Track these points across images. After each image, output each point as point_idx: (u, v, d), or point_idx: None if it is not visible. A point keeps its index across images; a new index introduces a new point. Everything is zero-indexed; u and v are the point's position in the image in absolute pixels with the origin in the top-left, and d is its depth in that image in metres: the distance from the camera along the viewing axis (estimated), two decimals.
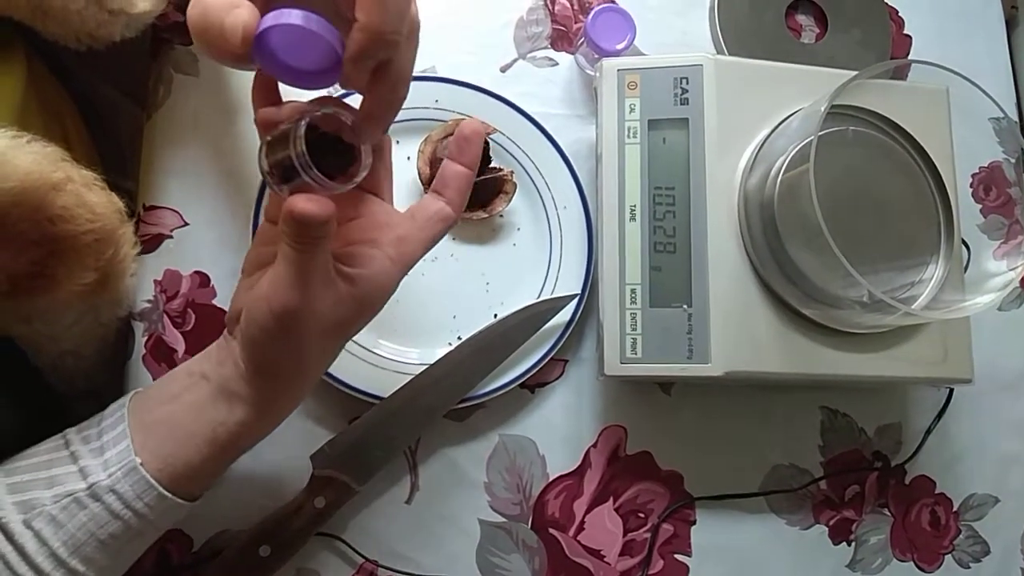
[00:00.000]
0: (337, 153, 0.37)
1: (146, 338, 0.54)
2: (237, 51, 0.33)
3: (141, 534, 0.40)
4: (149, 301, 0.54)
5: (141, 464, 0.39)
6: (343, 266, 0.39)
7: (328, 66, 0.35)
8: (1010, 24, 0.77)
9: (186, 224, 0.56)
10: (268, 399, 0.40)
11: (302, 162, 0.34)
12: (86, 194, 0.42)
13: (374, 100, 0.38)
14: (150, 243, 0.55)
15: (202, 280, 0.55)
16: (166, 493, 0.39)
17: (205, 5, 0.33)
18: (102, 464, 0.39)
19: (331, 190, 0.35)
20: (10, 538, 0.37)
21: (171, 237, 0.55)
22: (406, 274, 0.41)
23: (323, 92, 0.38)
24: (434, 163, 0.56)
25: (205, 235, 0.56)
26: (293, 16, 0.33)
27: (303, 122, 0.34)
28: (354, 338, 0.47)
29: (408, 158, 0.58)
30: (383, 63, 0.36)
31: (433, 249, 0.43)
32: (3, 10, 0.46)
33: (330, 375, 0.52)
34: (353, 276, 0.39)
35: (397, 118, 0.58)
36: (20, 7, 0.46)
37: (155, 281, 0.54)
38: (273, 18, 0.33)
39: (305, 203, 0.34)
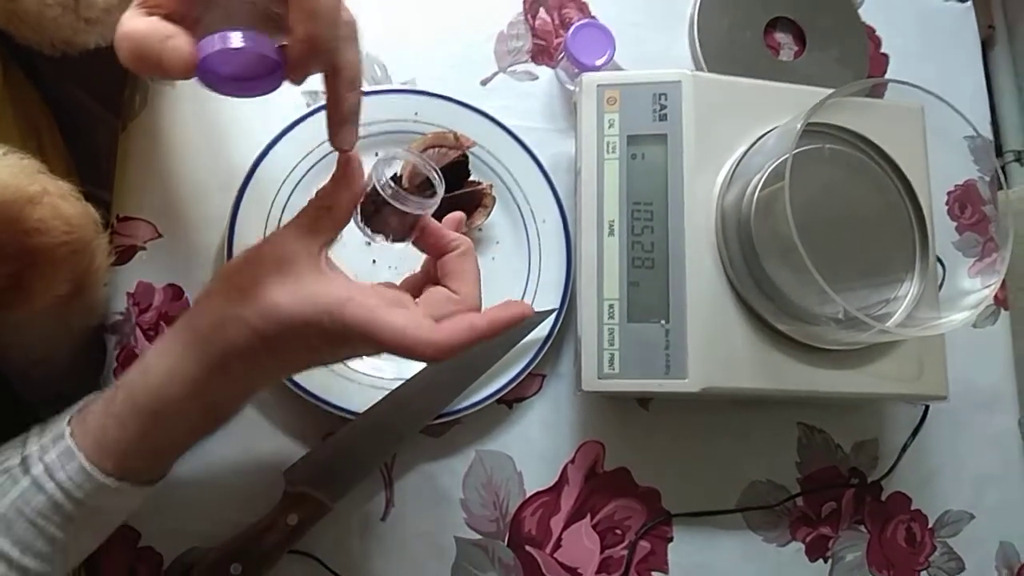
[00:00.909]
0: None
1: (118, 351, 0.53)
2: (178, 78, 0.34)
3: (72, 519, 0.38)
4: (121, 314, 0.53)
5: (71, 434, 0.38)
6: (331, 268, 0.40)
7: (269, 71, 0.36)
8: (987, 44, 0.78)
9: (160, 236, 0.55)
10: (177, 347, 0.38)
11: (390, 193, 0.40)
12: (62, 206, 0.42)
13: (335, 103, 0.39)
14: (123, 255, 0.54)
15: (175, 293, 0.54)
16: (86, 464, 0.38)
17: (136, 40, 0.33)
18: (38, 436, 0.39)
19: (423, 207, 0.41)
20: None
21: (144, 249, 0.54)
22: (344, 331, 0.37)
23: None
24: (413, 176, 0.56)
25: (179, 247, 0.55)
26: (231, 40, 0.33)
27: (374, 176, 0.41)
28: None
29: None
30: (331, 67, 0.37)
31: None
32: None
33: (304, 390, 0.51)
34: (327, 274, 0.39)
35: (377, 130, 0.58)
36: None
37: (128, 293, 0.54)
38: (210, 44, 0.33)
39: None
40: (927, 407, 0.62)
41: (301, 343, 0.38)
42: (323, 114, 0.39)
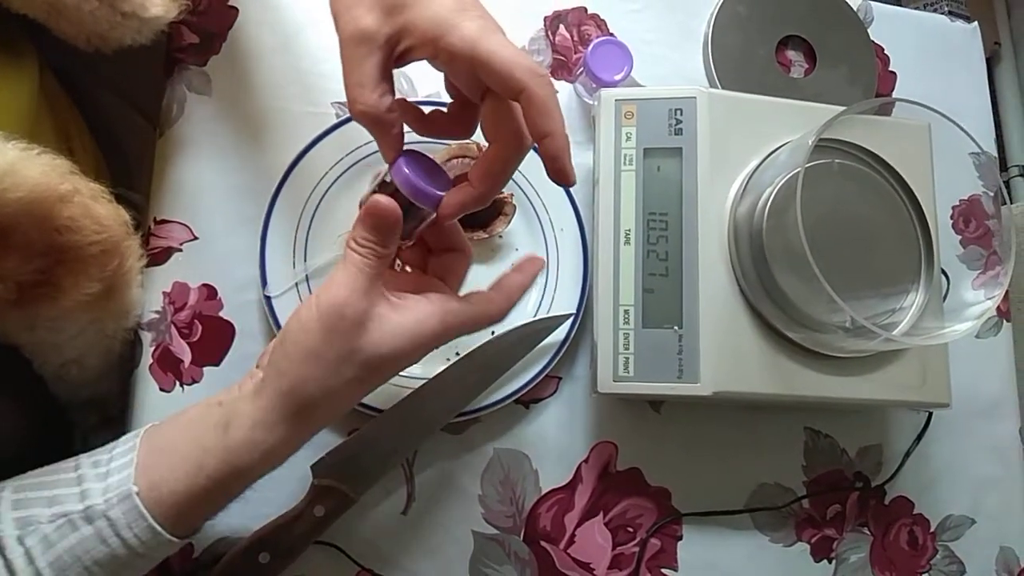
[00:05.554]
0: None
1: (153, 348, 0.55)
2: None
3: (127, 566, 0.40)
4: (157, 312, 0.56)
5: (137, 493, 0.39)
6: (392, 297, 0.42)
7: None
8: (992, 60, 0.80)
9: (195, 238, 0.57)
10: (273, 420, 0.41)
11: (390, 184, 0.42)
12: (93, 206, 0.43)
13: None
14: (160, 256, 0.56)
15: (209, 292, 0.57)
16: (156, 526, 0.39)
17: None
18: (103, 489, 0.39)
19: (431, 199, 0.43)
20: (2, 552, 0.38)
21: (180, 250, 0.57)
22: (439, 340, 0.44)
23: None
24: None
25: (214, 249, 0.57)
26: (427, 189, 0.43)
27: (385, 172, 0.43)
28: None
29: None
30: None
31: None
32: (19, 8, 0.47)
33: None
34: (398, 304, 0.42)
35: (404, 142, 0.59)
36: (36, 5, 0.47)
37: (164, 292, 0.56)
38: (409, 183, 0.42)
39: (385, 200, 0.41)
40: (930, 414, 0.64)
41: (398, 368, 0.43)
42: (354, 123, 0.43)
